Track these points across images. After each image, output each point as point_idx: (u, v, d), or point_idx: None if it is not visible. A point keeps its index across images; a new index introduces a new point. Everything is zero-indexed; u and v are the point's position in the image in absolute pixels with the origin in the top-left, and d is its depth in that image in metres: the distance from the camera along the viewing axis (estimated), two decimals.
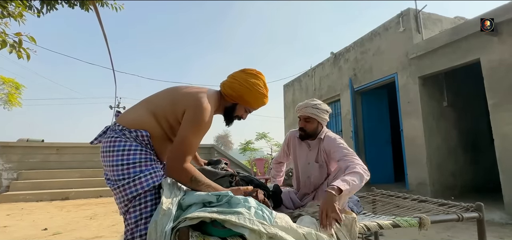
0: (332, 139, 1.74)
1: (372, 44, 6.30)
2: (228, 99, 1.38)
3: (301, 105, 1.80)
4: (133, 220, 1.13)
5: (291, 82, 10.06)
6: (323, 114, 1.76)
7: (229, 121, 1.46)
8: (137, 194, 1.15)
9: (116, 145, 1.19)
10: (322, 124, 1.79)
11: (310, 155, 1.83)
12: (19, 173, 6.49)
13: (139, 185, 1.15)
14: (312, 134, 1.79)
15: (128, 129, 1.23)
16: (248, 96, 1.35)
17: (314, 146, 1.83)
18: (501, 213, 3.71)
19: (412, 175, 5.24)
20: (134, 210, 1.14)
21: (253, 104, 1.40)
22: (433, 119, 5.20)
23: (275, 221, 1.03)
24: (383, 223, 1.34)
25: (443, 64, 4.69)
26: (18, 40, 2.59)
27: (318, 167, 1.79)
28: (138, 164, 1.18)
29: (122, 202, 1.17)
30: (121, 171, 1.16)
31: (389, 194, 2.25)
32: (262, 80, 1.39)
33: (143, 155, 1.20)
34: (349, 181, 1.31)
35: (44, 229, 3.42)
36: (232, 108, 1.41)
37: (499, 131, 3.87)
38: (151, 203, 1.16)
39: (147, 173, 1.17)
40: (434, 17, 5.68)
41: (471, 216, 1.59)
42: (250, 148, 17.63)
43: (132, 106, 1.35)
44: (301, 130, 1.82)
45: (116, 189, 1.17)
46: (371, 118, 6.74)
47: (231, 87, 1.35)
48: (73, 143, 7.43)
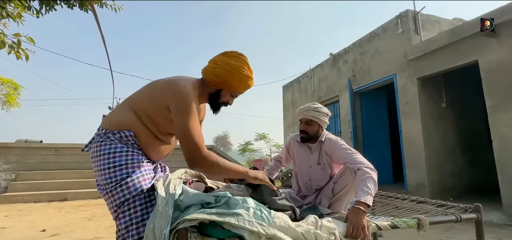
0: (333, 141, 1.77)
1: (371, 45, 6.31)
2: (212, 86, 1.31)
3: (303, 108, 1.83)
4: (123, 226, 1.11)
5: (290, 83, 10.07)
6: (324, 117, 1.79)
7: (216, 109, 1.39)
8: (125, 199, 1.12)
9: (102, 149, 1.18)
10: (322, 127, 1.82)
11: (312, 158, 1.85)
12: (17, 174, 6.47)
13: (126, 190, 1.12)
14: (314, 136, 1.82)
15: (112, 132, 1.21)
16: (232, 80, 1.29)
17: (315, 149, 1.85)
18: (500, 214, 3.72)
19: (411, 176, 5.25)
20: (123, 216, 1.12)
21: (238, 88, 1.33)
22: (432, 120, 5.21)
23: (273, 221, 1.03)
24: (382, 224, 1.33)
25: (442, 65, 4.70)
26: (17, 40, 2.59)
27: (320, 170, 1.81)
28: (124, 166, 1.15)
29: (112, 207, 1.16)
30: (108, 174, 1.14)
31: (388, 195, 2.25)
32: (245, 62, 1.32)
33: (129, 156, 1.18)
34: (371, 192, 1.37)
35: (43, 230, 3.41)
36: (217, 95, 1.34)
37: (497, 132, 3.88)
38: (140, 207, 1.14)
39: (134, 177, 1.15)
40: (432, 18, 5.71)
41: (470, 217, 1.60)
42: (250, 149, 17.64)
43: (115, 108, 1.33)
44: (303, 132, 1.84)
45: (106, 195, 1.15)
46: (370, 119, 6.75)
47: (214, 72, 1.29)
48: (71, 144, 7.41)
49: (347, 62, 7.07)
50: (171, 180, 1.20)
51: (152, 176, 1.24)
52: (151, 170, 1.25)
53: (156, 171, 1.31)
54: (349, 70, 6.93)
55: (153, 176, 1.24)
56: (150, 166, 1.26)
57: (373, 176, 1.45)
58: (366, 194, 1.34)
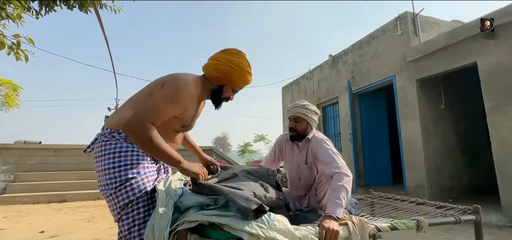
0: (319, 140, 1.77)
1: (370, 47, 6.33)
2: (214, 82, 1.35)
3: (291, 106, 1.85)
4: (126, 227, 1.12)
5: (290, 85, 10.08)
6: (312, 114, 1.80)
7: (218, 104, 1.42)
8: (129, 201, 1.13)
9: (107, 148, 1.18)
10: (311, 124, 1.83)
11: (300, 157, 1.86)
12: (16, 175, 6.45)
13: (131, 192, 1.13)
14: (302, 134, 1.82)
15: (117, 131, 1.22)
16: (234, 75, 1.32)
17: (302, 147, 1.85)
18: (499, 215, 3.73)
19: (410, 178, 5.25)
20: (127, 217, 1.13)
21: (239, 84, 1.37)
22: (431, 121, 5.22)
23: (273, 224, 1.03)
24: (381, 226, 1.34)
25: (441, 67, 4.72)
26: (16, 41, 2.59)
27: (307, 169, 1.82)
28: (129, 166, 1.16)
29: (115, 209, 1.16)
30: (112, 174, 1.15)
31: (387, 197, 2.26)
32: (245, 58, 1.36)
33: (134, 156, 1.19)
34: (342, 203, 1.37)
35: (41, 232, 3.40)
36: (219, 90, 1.37)
37: (496, 134, 3.89)
38: (144, 209, 1.15)
39: (139, 178, 1.16)
40: (431, 20, 5.72)
41: (469, 218, 1.60)
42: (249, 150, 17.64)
43: (119, 107, 1.34)
44: (291, 130, 1.84)
45: (109, 197, 1.15)
46: (370, 121, 6.76)
47: (216, 68, 1.31)
48: (70, 145, 7.40)
49: (346, 63, 7.08)
50: (171, 181, 1.20)
51: (155, 177, 1.24)
52: (154, 172, 1.26)
53: (159, 172, 1.31)
54: (349, 72, 6.94)
55: (156, 178, 1.25)
56: (154, 167, 1.27)
57: (345, 185, 1.45)
58: (337, 206, 1.35)
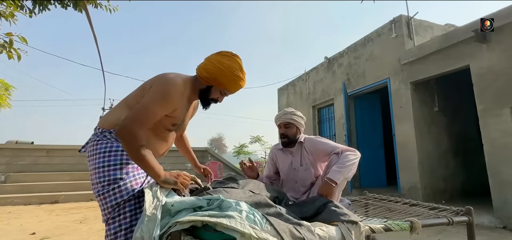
0: (312, 138, 1.91)
1: (365, 49, 6.38)
2: (203, 82, 1.35)
3: (280, 114, 1.97)
4: (112, 232, 1.12)
5: (286, 86, 10.10)
6: (300, 119, 1.93)
7: (205, 104, 1.42)
8: (116, 203, 1.13)
9: (98, 148, 1.19)
10: (299, 129, 1.95)
11: (295, 161, 1.93)
12: (7, 176, 6.35)
13: (119, 194, 1.13)
14: (293, 139, 1.92)
15: (108, 130, 1.23)
16: (222, 77, 1.32)
17: (296, 151, 1.94)
18: (491, 217, 3.78)
19: (404, 179, 5.30)
20: (113, 221, 1.13)
21: (227, 86, 1.36)
22: (425, 124, 5.28)
23: (266, 227, 1.03)
24: (375, 227, 1.35)
25: (434, 70, 4.77)
26: (8, 40, 2.56)
27: (303, 170, 1.89)
28: (118, 166, 1.17)
29: (104, 210, 1.16)
30: (102, 172, 1.15)
31: (381, 198, 2.27)
32: (237, 62, 1.34)
33: (124, 156, 1.19)
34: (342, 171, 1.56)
35: (32, 234, 3.34)
36: (206, 91, 1.37)
37: (488, 136, 3.95)
38: (130, 213, 1.14)
39: (127, 180, 1.16)
40: (425, 24, 5.80)
41: (461, 220, 1.62)
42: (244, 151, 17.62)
43: (114, 107, 1.36)
44: (283, 136, 1.93)
45: (99, 197, 1.16)
46: (364, 123, 6.81)
47: (206, 69, 1.33)
48: (63, 146, 7.30)
49: (341, 65, 7.13)
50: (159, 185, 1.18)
51: (144, 180, 1.24)
52: (143, 174, 1.25)
53: (148, 175, 1.30)
54: (344, 74, 6.98)
55: (144, 181, 1.24)
56: None
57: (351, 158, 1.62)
58: (336, 173, 1.56)
